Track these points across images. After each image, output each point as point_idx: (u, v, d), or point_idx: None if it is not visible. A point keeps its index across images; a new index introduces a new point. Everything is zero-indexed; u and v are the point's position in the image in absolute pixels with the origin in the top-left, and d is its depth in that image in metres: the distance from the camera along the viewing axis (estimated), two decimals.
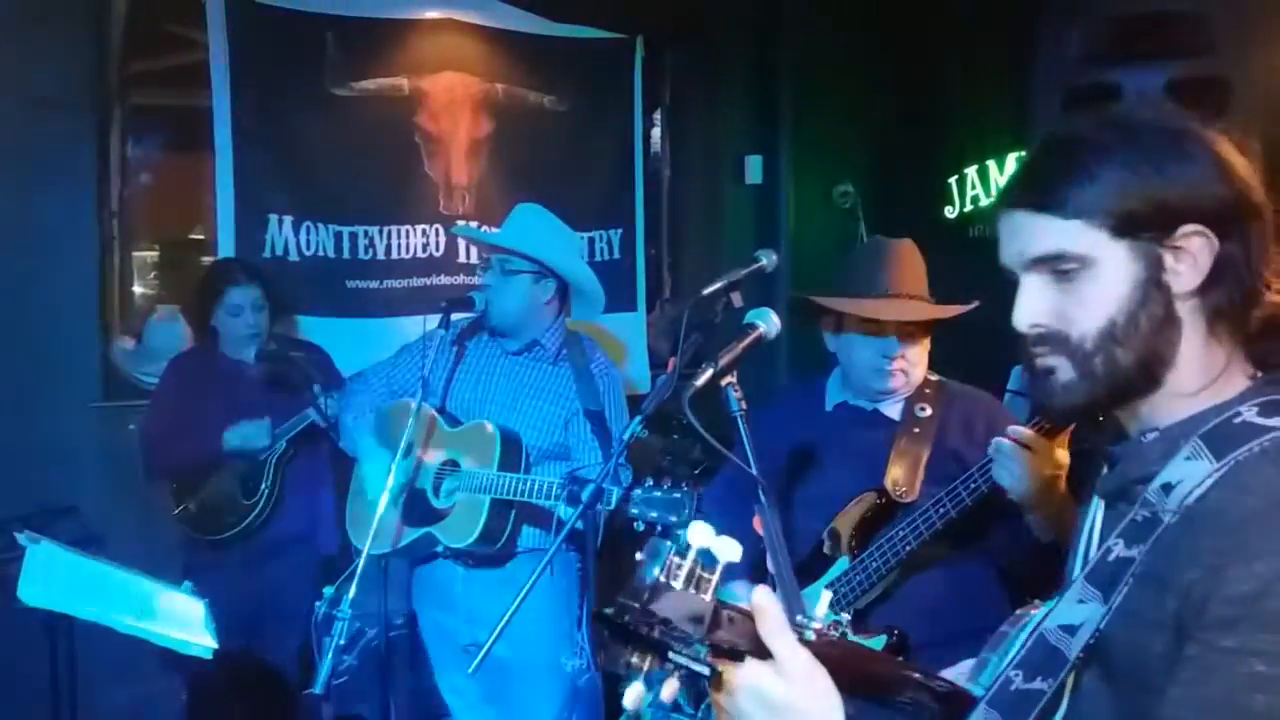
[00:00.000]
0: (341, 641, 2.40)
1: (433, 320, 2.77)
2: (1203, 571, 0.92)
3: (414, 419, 2.55)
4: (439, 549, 2.73)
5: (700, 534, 0.95)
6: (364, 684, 3.18)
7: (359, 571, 2.41)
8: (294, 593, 3.09)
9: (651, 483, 2.08)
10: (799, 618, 1.11)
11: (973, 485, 2.08)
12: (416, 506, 2.73)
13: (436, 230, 4.04)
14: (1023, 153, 4.29)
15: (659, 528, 2.03)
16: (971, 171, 4.54)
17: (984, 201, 4.51)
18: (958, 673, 1.41)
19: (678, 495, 2.03)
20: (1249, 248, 1.03)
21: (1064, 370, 1.06)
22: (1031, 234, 1.07)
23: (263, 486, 3.22)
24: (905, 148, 4.52)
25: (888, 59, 4.52)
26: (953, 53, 4.26)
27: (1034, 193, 1.07)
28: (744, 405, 1.85)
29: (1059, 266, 1.05)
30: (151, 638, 2.17)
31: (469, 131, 4.15)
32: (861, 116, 4.66)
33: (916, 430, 2.28)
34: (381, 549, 2.72)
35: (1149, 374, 1.04)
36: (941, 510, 2.11)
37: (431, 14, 4.09)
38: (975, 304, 2.27)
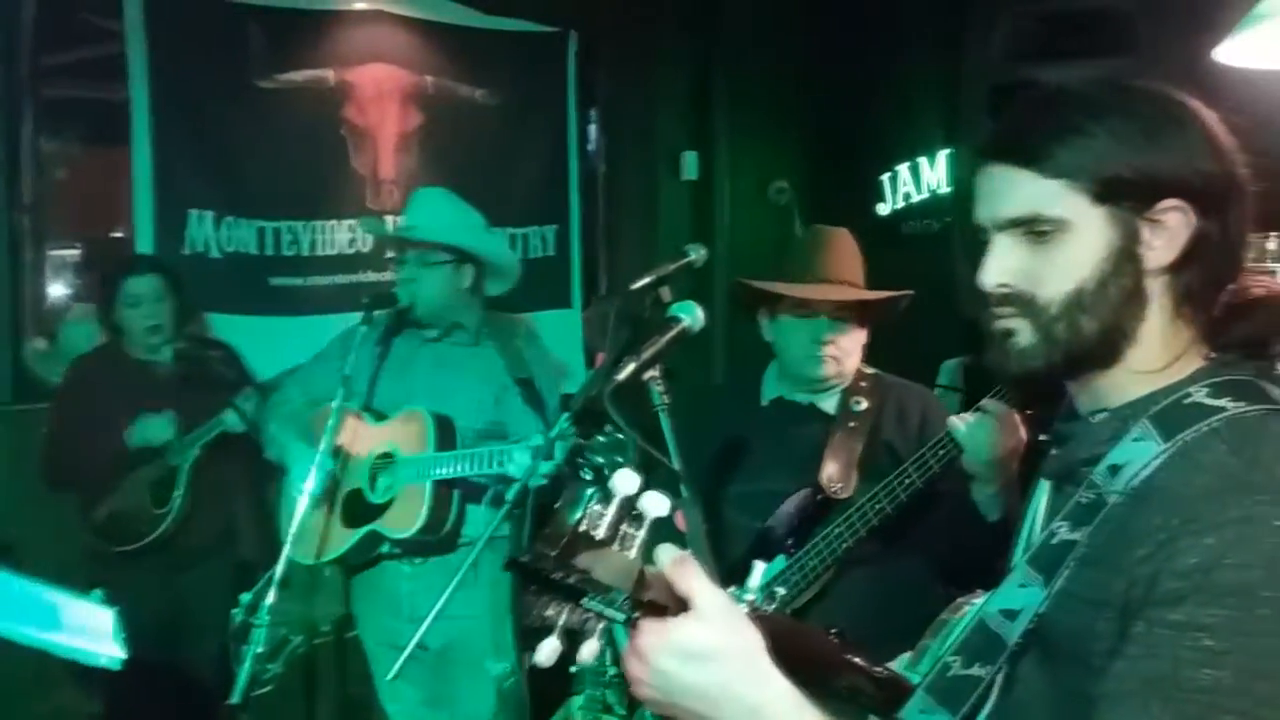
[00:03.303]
0: (260, 649, 2.32)
1: (358, 318, 2.71)
2: (1153, 548, 0.89)
3: (335, 419, 2.47)
4: (383, 549, 2.66)
5: (626, 482, 0.90)
6: (290, 693, 3.08)
7: (278, 577, 2.33)
8: (210, 602, 2.98)
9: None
10: (731, 589, 1.07)
11: (908, 481, 2.08)
12: (354, 507, 2.66)
13: (365, 226, 3.94)
14: (952, 150, 4.33)
15: (606, 471, 1.98)
16: (903, 168, 4.56)
17: (915, 198, 4.53)
18: (897, 664, 1.40)
19: (621, 436, 1.98)
20: (1228, 229, 1.00)
21: (1024, 334, 1.04)
22: (1009, 192, 1.03)
23: (175, 494, 3.09)
24: (840, 144, 4.53)
25: (823, 56, 4.52)
26: (886, 50, 4.27)
27: (1017, 147, 1.03)
28: (667, 399, 1.81)
29: (1034, 228, 1.02)
30: (56, 649, 2.06)
31: (397, 125, 4.06)
32: (798, 113, 4.66)
33: (852, 424, 2.28)
34: (325, 555, 2.65)
35: (1109, 346, 1.02)
36: (878, 507, 2.10)
37: (359, 5, 4.00)
38: (907, 292, 2.28)
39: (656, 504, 0.91)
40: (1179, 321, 1.02)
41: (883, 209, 4.54)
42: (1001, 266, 1.04)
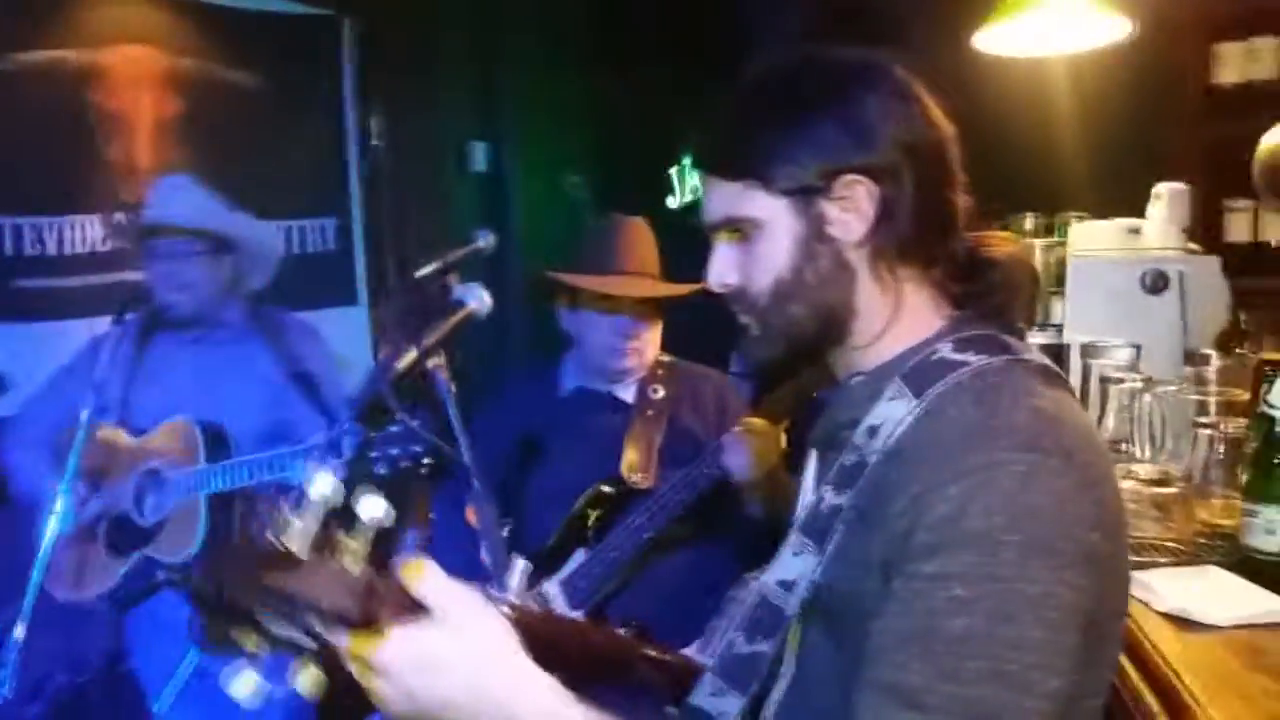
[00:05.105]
0: (7, 694, 2.08)
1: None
2: (905, 503, 0.90)
3: (84, 435, 2.23)
4: (159, 576, 2.40)
5: (321, 484, 0.81)
6: None
7: (28, 610, 2.09)
8: None
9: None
10: (490, 590, 1.00)
11: (708, 470, 2.09)
12: (120, 533, 2.41)
13: (118, 221, 3.60)
14: None
15: (403, 465, 1.87)
16: (689, 161, 4.62)
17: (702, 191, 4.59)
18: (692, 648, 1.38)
19: (415, 424, 1.87)
20: (921, 188, 1.02)
21: (752, 327, 1.08)
22: (708, 198, 1.08)
23: None
24: (631, 137, 4.52)
25: (613, 46, 4.50)
26: (673, 39, 4.29)
27: (705, 157, 1.09)
28: (454, 388, 1.73)
29: (734, 229, 1.06)
30: None
31: (154, 111, 3.72)
32: (588, 105, 4.62)
33: (650, 412, 2.28)
34: (91, 590, 2.39)
35: (829, 325, 1.05)
36: (678, 495, 2.10)
37: None
38: (706, 284, 2.28)
39: (373, 507, 0.83)
40: (902, 285, 1.04)
41: (672, 202, 4.58)
42: (718, 268, 1.09)
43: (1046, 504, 0.87)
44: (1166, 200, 2.16)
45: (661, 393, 2.29)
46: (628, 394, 2.30)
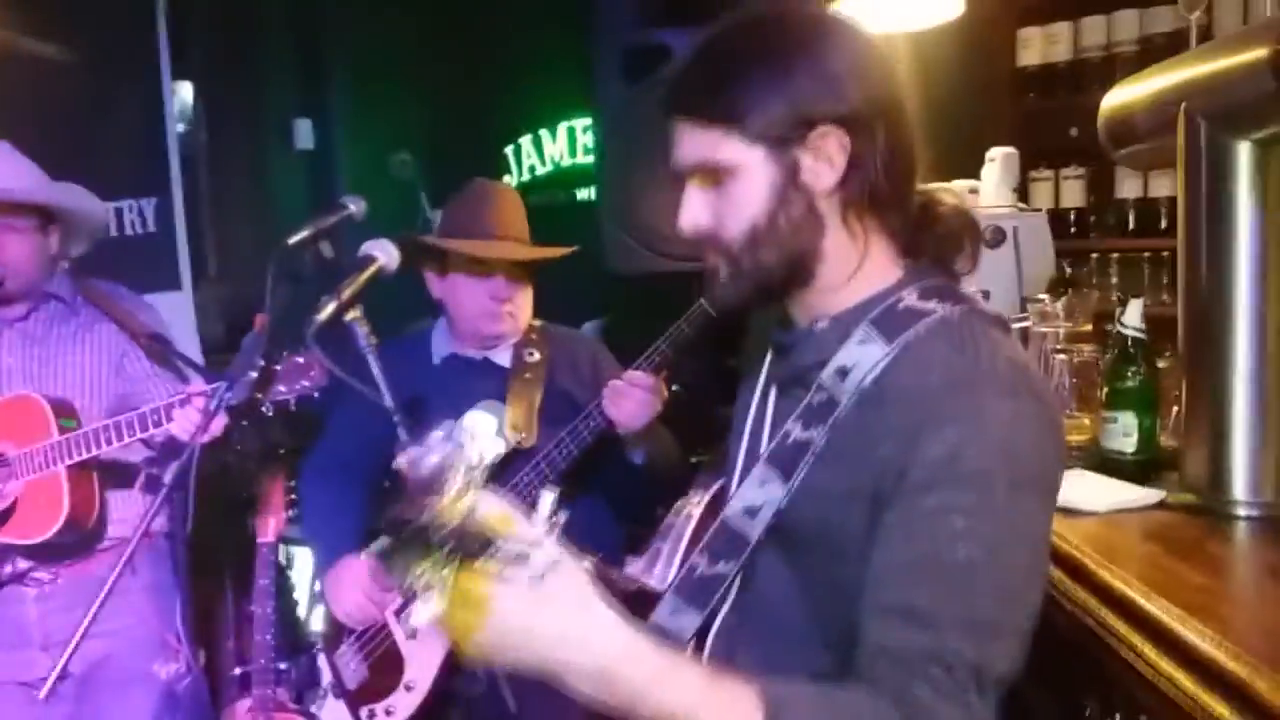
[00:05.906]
0: None
1: None
2: (898, 444, 0.97)
3: None
4: (16, 564, 2.27)
5: (480, 422, 0.86)
6: None
7: None
8: None
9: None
10: None
11: (593, 423, 2.15)
12: None
13: None
14: (578, 122, 4.44)
15: (293, 402, 1.84)
16: (526, 141, 4.63)
17: (540, 171, 4.61)
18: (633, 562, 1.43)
19: (300, 358, 1.83)
20: (888, 140, 1.06)
21: (723, 270, 1.10)
22: (682, 142, 1.09)
23: None
24: (464, 115, 4.45)
25: (446, 21, 4.42)
26: (513, 15, 4.25)
27: (680, 100, 1.09)
28: (373, 340, 1.73)
29: (708, 173, 1.07)
30: None
31: None
32: (420, 81, 4.52)
33: (528, 375, 2.30)
34: None
35: (798, 270, 1.09)
36: (565, 451, 2.14)
37: None
38: (576, 247, 2.34)
39: (496, 444, 0.87)
40: (867, 233, 1.09)
41: (509, 181, 4.57)
42: (691, 212, 1.10)
43: (1028, 445, 0.98)
44: (1000, 163, 2.36)
45: (537, 355, 2.32)
46: (503, 359, 2.32)
